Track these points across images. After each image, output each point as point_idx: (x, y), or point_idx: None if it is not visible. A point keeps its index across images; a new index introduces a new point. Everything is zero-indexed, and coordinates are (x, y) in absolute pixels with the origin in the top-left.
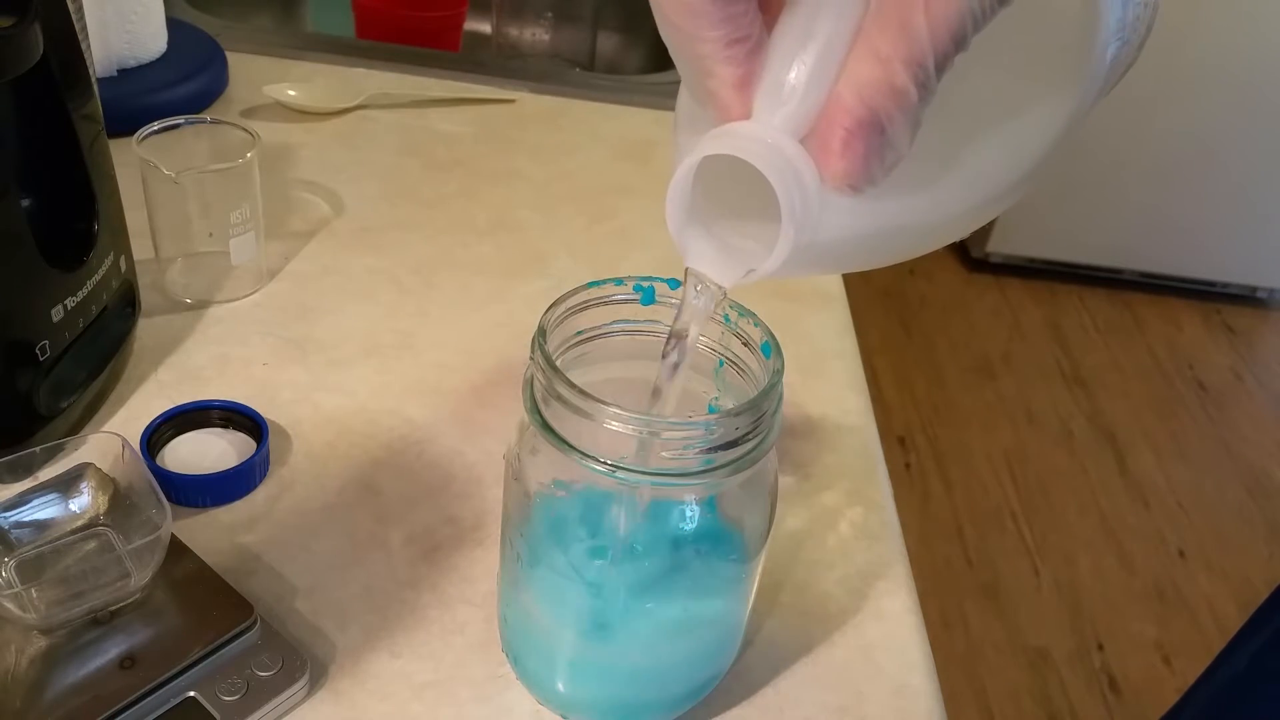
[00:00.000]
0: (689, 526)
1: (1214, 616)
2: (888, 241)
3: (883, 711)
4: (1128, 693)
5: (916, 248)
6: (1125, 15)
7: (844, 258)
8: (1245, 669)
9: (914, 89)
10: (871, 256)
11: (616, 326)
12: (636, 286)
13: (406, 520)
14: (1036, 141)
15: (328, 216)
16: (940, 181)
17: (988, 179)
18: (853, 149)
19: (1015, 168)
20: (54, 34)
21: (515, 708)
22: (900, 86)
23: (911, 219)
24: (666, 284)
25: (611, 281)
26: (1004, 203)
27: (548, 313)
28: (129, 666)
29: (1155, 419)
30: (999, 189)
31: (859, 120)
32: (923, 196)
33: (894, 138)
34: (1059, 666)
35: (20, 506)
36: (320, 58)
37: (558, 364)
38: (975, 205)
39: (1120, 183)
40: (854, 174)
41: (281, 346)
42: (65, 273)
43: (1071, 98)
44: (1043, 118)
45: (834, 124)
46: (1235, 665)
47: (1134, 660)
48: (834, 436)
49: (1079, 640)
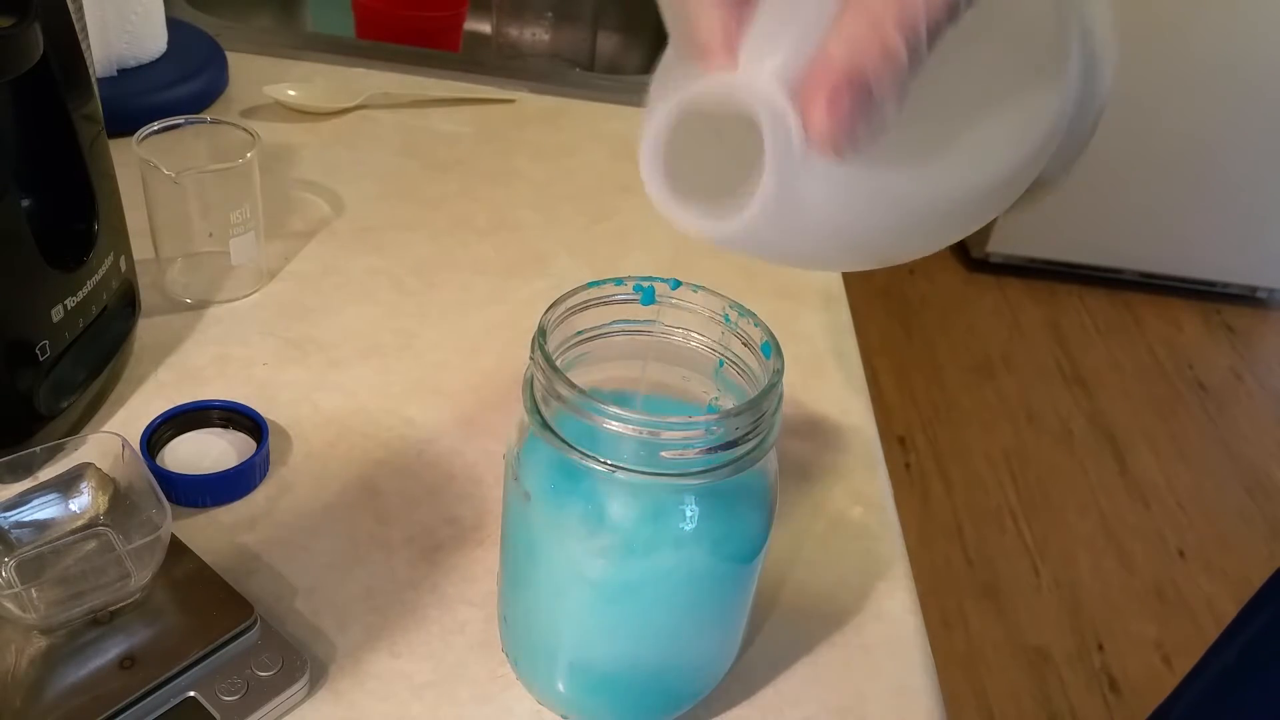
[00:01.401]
0: (689, 526)
1: (1214, 616)
2: (866, 224)
3: (883, 711)
4: (1128, 693)
5: (896, 245)
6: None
7: (822, 239)
8: (1235, 661)
9: (905, 52)
10: (850, 244)
11: (616, 326)
12: (636, 286)
13: (406, 520)
14: (1021, 135)
15: (328, 216)
16: (922, 166)
17: (971, 170)
18: (838, 107)
19: (999, 161)
20: (54, 34)
21: (515, 708)
22: (891, 48)
23: (891, 201)
24: (667, 284)
25: (611, 281)
26: (986, 207)
27: (548, 313)
28: (129, 666)
29: (1155, 419)
30: (981, 183)
31: (847, 78)
32: (904, 177)
33: (881, 101)
34: (1059, 666)
35: (20, 506)
36: (320, 58)
37: (558, 364)
38: (956, 200)
39: (1120, 183)
40: (838, 134)
41: (281, 346)
42: (65, 273)
43: (1056, 93)
44: (1028, 111)
45: (821, 80)
46: (1225, 658)
47: (1134, 660)
48: (834, 436)
49: (1079, 640)
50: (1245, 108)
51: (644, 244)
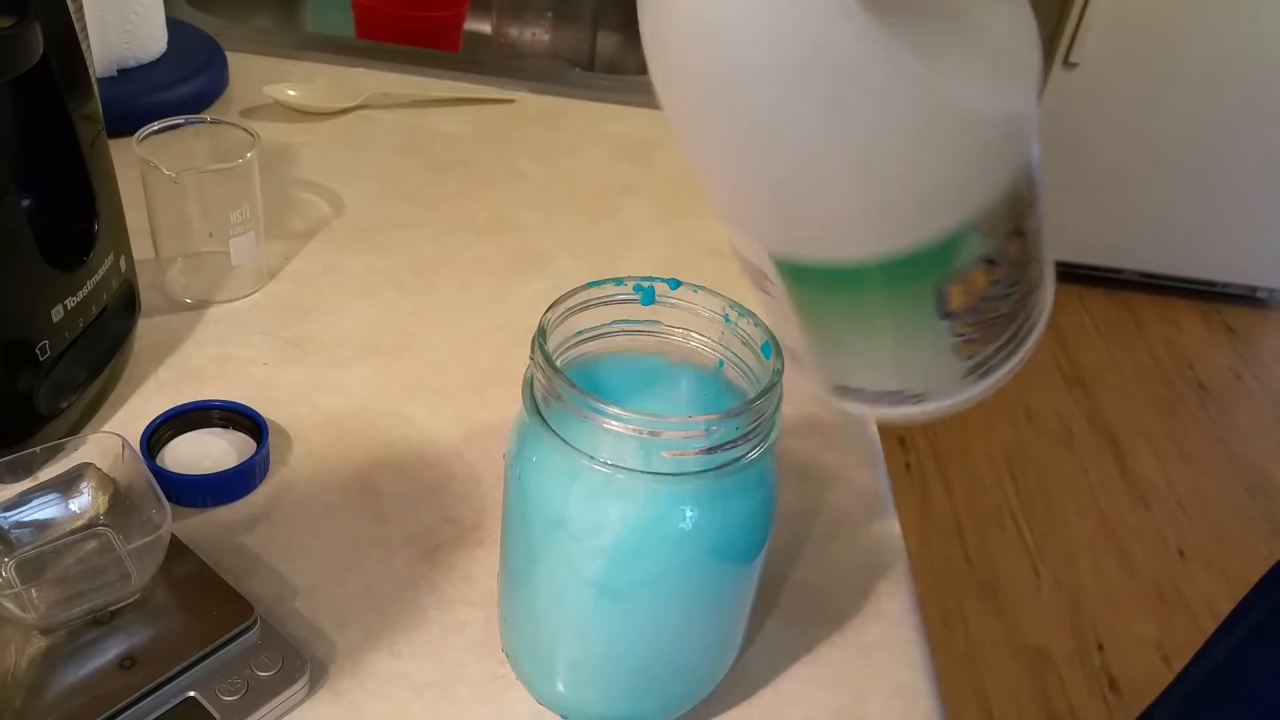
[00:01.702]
0: (688, 526)
1: (1214, 616)
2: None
3: (883, 711)
4: (1128, 693)
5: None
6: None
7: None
8: (1224, 660)
9: None
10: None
11: (616, 326)
12: (636, 286)
13: (406, 520)
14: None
15: (328, 216)
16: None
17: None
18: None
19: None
20: (54, 34)
21: (515, 708)
22: None
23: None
24: (666, 284)
25: (611, 281)
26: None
27: (547, 313)
28: (129, 666)
29: (1155, 419)
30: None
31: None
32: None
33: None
34: (1059, 666)
35: (20, 506)
36: (320, 58)
37: (558, 364)
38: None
39: (1120, 183)
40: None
41: (281, 346)
42: (65, 273)
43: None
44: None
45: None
46: (1214, 658)
47: (1134, 660)
48: (834, 436)
49: (1079, 640)
50: (1246, 108)
51: (644, 244)
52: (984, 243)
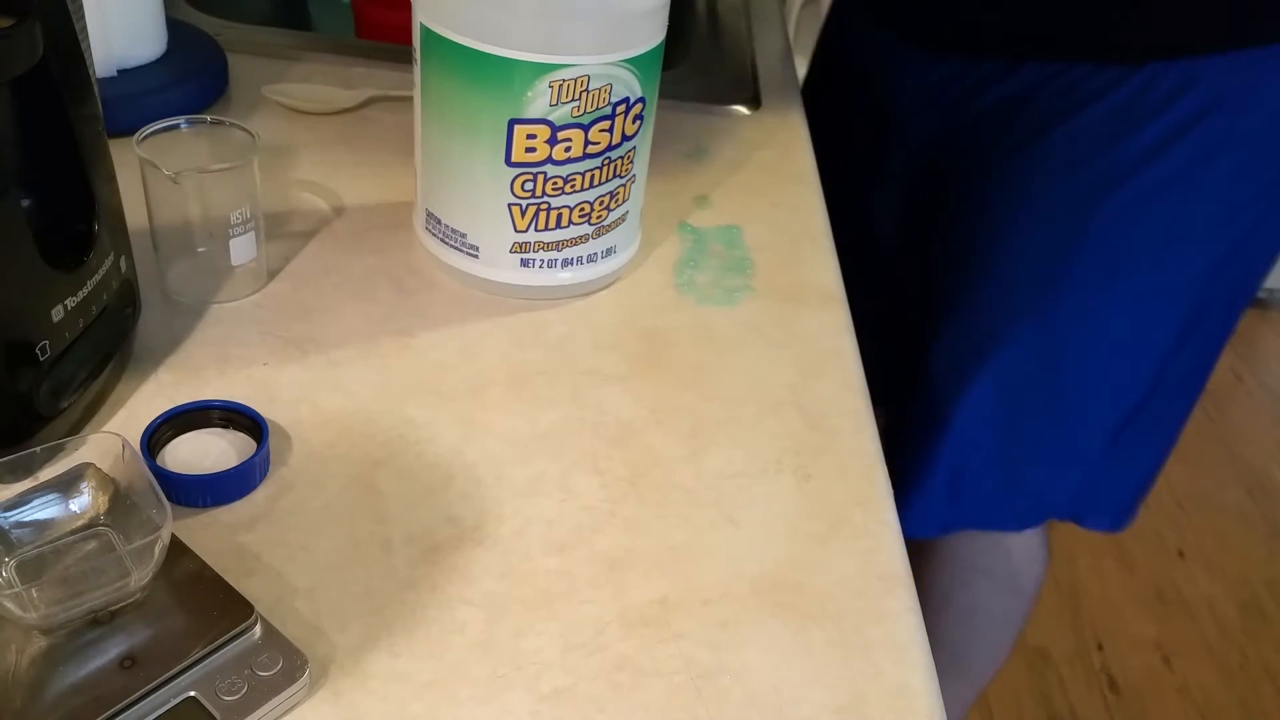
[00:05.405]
0: None
1: (1214, 616)
2: None
3: (883, 711)
4: (1128, 693)
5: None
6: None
7: None
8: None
9: None
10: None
11: None
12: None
13: (406, 520)
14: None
15: (328, 216)
16: None
17: None
18: None
19: None
20: (54, 34)
21: (515, 708)
22: None
23: None
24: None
25: None
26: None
27: None
28: (129, 666)
29: None
30: None
31: None
32: None
33: None
34: (1059, 666)
35: (20, 506)
36: (320, 58)
37: None
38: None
39: None
40: None
41: (281, 346)
42: (65, 273)
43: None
44: None
45: None
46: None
47: (1134, 660)
48: (834, 436)
49: (1079, 640)
50: None
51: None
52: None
